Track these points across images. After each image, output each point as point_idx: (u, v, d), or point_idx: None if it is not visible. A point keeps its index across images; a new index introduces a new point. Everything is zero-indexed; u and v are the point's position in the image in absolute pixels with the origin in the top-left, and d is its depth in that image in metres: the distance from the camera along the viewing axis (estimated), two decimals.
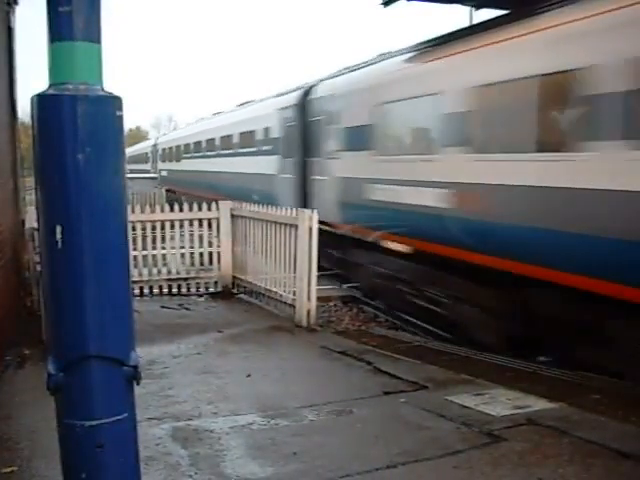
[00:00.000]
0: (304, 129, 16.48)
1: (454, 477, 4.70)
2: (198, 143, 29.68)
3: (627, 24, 7.29)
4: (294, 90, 18.18)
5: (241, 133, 22.52)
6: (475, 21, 12.24)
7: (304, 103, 16.67)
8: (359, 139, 13.18)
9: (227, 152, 24.19)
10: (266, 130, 19.46)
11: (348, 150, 13.82)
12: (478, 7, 11.01)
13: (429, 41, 11.84)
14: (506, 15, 10.11)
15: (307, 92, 16.80)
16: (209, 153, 27.20)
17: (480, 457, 5.00)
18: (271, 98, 20.91)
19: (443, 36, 11.45)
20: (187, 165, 32.06)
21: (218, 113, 30.02)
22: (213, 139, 26.57)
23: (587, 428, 5.58)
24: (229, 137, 23.99)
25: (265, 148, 19.52)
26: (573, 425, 5.63)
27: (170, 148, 37.58)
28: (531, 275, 8.51)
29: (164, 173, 37.44)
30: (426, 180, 10.73)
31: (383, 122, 12.41)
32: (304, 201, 16.02)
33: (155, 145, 44.93)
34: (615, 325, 7.73)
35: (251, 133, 21.07)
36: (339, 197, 14.18)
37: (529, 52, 8.75)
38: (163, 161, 40.36)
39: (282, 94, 19.54)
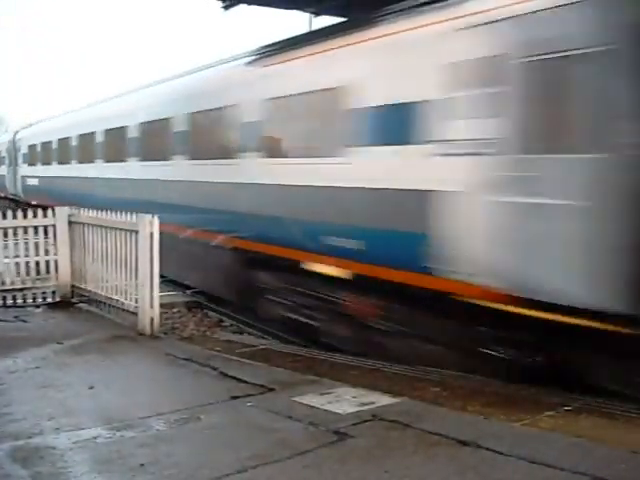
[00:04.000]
0: (15, 152, 33.31)
1: (304, 477, 4.75)
2: None
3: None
4: (13, 131, 36.43)
5: None
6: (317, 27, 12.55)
7: (14, 139, 34.15)
8: (26, 158, 30.79)
9: None
10: (4, 151, 36.28)
11: (24, 163, 31.26)
12: (317, 14, 11.28)
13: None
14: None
15: (16, 132, 34.49)
16: None
17: (329, 455, 5.09)
18: (8, 132, 39.74)
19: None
20: None
21: None
22: None
23: (429, 420, 5.82)
24: None
25: (3, 161, 36.53)
26: (415, 418, 5.85)
27: None
28: None
29: None
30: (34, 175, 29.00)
31: (35, 154, 29.15)
32: (15, 187, 32.75)
33: None
34: None
35: None
36: (23, 184, 30.90)
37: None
38: None
39: (17, 131, 35.49)
